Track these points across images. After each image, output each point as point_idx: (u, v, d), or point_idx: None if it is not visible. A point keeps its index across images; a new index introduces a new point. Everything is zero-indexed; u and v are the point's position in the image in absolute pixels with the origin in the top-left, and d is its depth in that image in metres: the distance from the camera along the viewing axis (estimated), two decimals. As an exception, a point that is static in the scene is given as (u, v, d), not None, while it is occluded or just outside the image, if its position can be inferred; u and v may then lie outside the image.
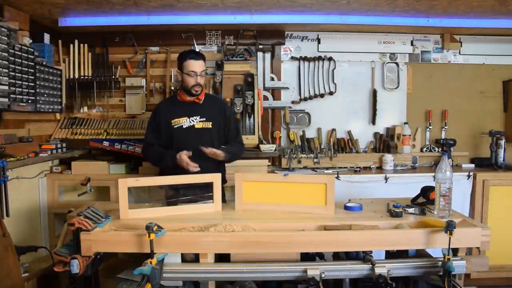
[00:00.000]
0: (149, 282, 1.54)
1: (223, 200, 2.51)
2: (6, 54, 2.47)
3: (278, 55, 3.62)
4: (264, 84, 3.58)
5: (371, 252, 1.70)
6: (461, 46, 3.72)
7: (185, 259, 1.78)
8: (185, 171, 2.34)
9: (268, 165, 3.39)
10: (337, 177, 3.22)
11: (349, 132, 3.69)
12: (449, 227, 1.60)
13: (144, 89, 3.56)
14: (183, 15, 3.12)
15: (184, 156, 2.34)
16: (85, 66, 3.45)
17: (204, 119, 2.53)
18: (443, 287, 1.60)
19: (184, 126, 2.50)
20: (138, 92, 3.57)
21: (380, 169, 3.50)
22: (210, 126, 2.54)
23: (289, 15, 3.16)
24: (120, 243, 1.70)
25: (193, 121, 2.51)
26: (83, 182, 3.08)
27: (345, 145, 3.63)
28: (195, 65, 2.46)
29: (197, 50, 3.55)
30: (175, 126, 2.50)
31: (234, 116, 2.90)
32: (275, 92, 3.63)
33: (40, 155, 2.92)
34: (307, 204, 2.04)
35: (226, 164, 2.69)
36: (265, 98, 3.57)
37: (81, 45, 3.44)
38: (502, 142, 3.49)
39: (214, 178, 2.13)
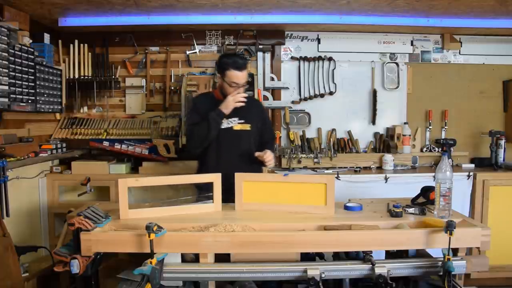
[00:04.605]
0: (149, 282, 1.54)
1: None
2: (6, 54, 2.47)
3: (278, 55, 3.62)
4: (264, 84, 3.58)
5: (371, 252, 1.70)
6: (461, 46, 3.72)
7: (185, 259, 1.78)
8: (227, 166, 2.29)
9: (268, 165, 3.39)
10: (337, 177, 3.22)
11: (349, 132, 3.69)
12: (449, 227, 1.60)
13: (144, 89, 3.56)
14: (183, 15, 3.12)
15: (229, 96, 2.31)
16: (85, 66, 3.45)
17: (243, 121, 2.43)
18: (443, 287, 1.60)
19: (222, 127, 2.38)
20: (138, 92, 3.57)
21: (380, 169, 3.50)
22: (249, 129, 2.45)
23: (289, 15, 3.16)
24: (120, 243, 1.69)
25: (231, 122, 2.41)
26: (83, 182, 3.08)
27: (345, 145, 3.63)
28: (239, 77, 2.32)
29: (197, 49, 3.56)
30: None
31: (268, 119, 2.74)
32: (275, 92, 3.63)
33: (40, 155, 2.92)
34: (307, 204, 2.04)
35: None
36: (265, 98, 3.57)
37: (81, 45, 3.44)
38: (502, 142, 3.49)
39: (214, 178, 2.13)
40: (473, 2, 2.82)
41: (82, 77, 3.44)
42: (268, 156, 2.33)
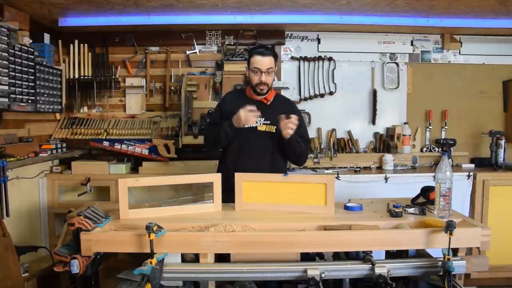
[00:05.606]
0: (149, 282, 1.54)
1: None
2: (6, 54, 2.47)
3: (278, 55, 3.62)
4: (264, 84, 3.58)
5: (371, 252, 1.70)
6: (461, 46, 3.73)
7: (185, 259, 1.78)
8: (246, 165, 2.25)
9: (268, 165, 3.39)
10: (337, 177, 3.22)
11: (349, 132, 3.69)
12: (449, 227, 1.60)
13: (144, 89, 3.57)
14: (183, 15, 3.13)
15: (242, 110, 2.20)
16: (85, 66, 3.45)
17: (269, 122, 2.35)
18: (443, 287, 1.60)
19: (245, 125, 2.31)
20: (138, 92, 3.57)
21: (380, 169, 3.50)
22: (274, 131, 2.35)
23: (289, 15, 3.16)
24: (120, 243, 1.69)
25: (256, 122, 2.33)
26: (83, 182, 3.08)
27: (345, 145, 3.63)
28: (260, 62, 2.26)
29: (197, 49, 3.56)
30: None
31: (304, 123, 2.58)
32: (275, 92, 3.63)
33: (40, 155, 2.92)
34: (307, 204, 2.04)
35: None
36: (265, 98, 3.56)
37: (81, 45, 3.44)
38: (502, 142, 3.49)
39: (214, 178, 2.13)
40: (473, 2, 2.82)
41: (82, 77, 3.44)
42: (290, 121, 2.17)
